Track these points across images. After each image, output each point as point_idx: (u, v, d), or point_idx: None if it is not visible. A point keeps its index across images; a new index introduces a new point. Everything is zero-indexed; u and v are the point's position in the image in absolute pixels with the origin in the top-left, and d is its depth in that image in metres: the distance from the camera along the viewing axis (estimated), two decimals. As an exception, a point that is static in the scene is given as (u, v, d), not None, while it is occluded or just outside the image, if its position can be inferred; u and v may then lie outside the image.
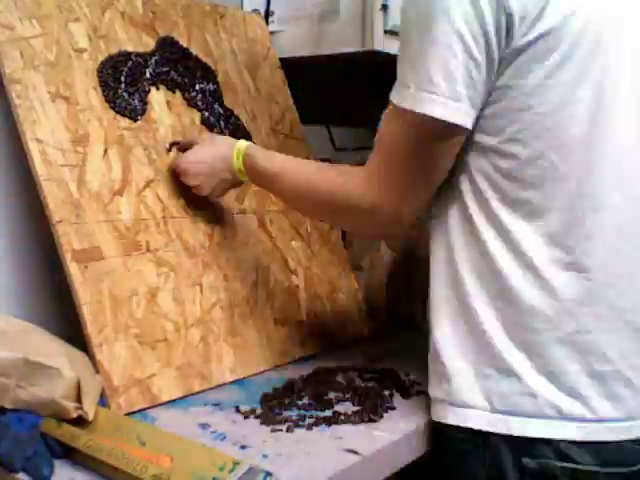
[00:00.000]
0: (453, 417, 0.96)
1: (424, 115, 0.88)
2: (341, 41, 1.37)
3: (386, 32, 1.32)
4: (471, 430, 0.94)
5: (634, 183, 0.94)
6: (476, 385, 0.94)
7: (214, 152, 1.15)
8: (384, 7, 1.31)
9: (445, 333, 0.97)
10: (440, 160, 0.93)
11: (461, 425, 0.95)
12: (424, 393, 1.06)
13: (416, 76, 0.88)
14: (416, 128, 0.91)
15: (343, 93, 1.53)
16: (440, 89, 0.87)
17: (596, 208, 0.91)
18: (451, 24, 0.85)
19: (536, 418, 0.92)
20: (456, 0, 0.85)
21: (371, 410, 1.03)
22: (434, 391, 1.00)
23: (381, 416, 1.02)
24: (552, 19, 0.86)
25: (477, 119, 0.90)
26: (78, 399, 0.89)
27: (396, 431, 0.98)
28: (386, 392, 1.10)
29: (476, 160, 0.93)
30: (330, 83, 1.51)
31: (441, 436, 1.00)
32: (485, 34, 0.86)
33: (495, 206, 0.93)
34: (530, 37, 0.86)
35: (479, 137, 0.92)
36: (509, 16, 0.85)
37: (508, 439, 0.92)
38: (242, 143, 1.13)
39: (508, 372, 0.93)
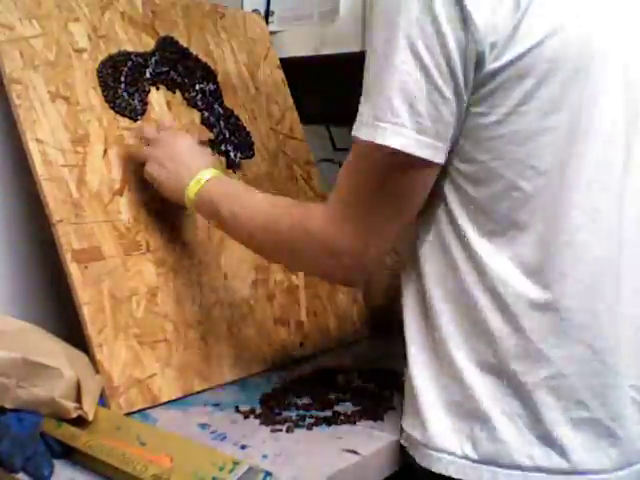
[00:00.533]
0: (427, 460, 0.90)
1: (385, 147, 0.81)
2: (341, 41, 1.37)
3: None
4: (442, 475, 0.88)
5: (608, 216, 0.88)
6: (450, 429, 0.88)
7: (183, 155, 1.06)
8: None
9: (420, 370, 0.91)
10: (407, 197, 0.86)
11: (433, 469, 0.89)
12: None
13: (377, 107, 0.81)
14: (379, 161, 0.83)
15: (343, 93, 1.53)
16: (402, 120, 0.80)
17: (570, 242, 0.85)
18: (413, 52, 0.78)
19: (510, 469, 0.85)
20: (419, 29, 0.78)
21: (371, 410, 1.03)
22: (409, 428, 0.94)
23: (381, 417, 1.02)
24: (526, 42, 0.80)
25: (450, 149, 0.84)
26: (78, 399, 0.89)
27: (396, 431, 0.97)
28: (386, 392, 1.10)
29: (450, 189, 0.87)
30: (330, 83, 1.51)
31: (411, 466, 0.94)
32: (449, 63, 0.79)
33: (472, 237, 0.86)
34: (501, 62, 0.80)
35: (453, 165, 0.86)
36: (477, 43, 0.78)
37: None
38: (205, 174, 1.03)
39: (483, 417, 0.86)
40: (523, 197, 0.84)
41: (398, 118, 0.80)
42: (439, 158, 0.83)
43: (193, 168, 1.04)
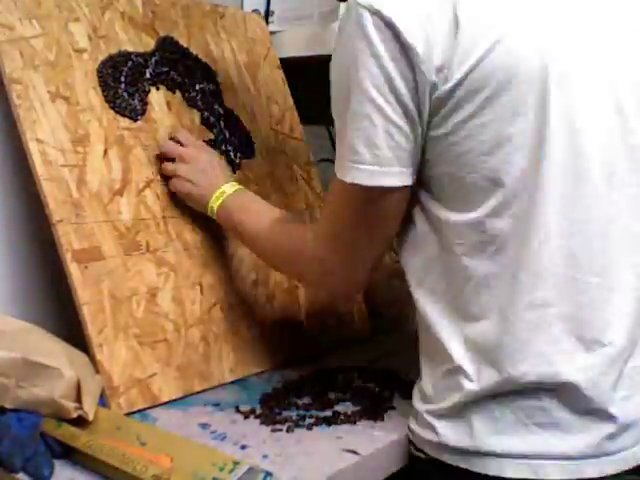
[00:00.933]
0: (427, 447, 0.93)
1: (351, 184, 0.88)
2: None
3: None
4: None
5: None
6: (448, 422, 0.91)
7: (211, 169, 1.15)
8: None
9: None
10: (384, 221, 0.93)
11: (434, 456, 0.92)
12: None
13: (343, 148, 0.89)
14: (352, 196, 0.91)
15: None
16: (363, 157, 0.86)
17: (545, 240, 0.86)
18: (364, 93, 0.84)
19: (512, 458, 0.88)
20: (365, 69, 0.83)
21: (371, 410, 1.03)
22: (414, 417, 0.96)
23: (381, 416, 1.02)
24: (471, 58, 0.82)
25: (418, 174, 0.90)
26: (78, 399, 0.89)
27: (396, 431, 0.98)
28: (386, 392, 1.10)
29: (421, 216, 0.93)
30: (330, 83, 1.51)
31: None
32: (397, 96, 0.84)
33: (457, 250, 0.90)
34: (453, 82, 0.83)
35: (421, 192, 0.91)
36: (425, 72, 0.82)
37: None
38: (227, 189, 1.12)
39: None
40: (503, 201, 0.86)
41: (359, 156, 0.86)
42: (405, 181, 0.88)
43: (215, 182, 1.13)
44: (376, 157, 0.86)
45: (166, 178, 1.16)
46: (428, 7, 0.83)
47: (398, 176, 0.87)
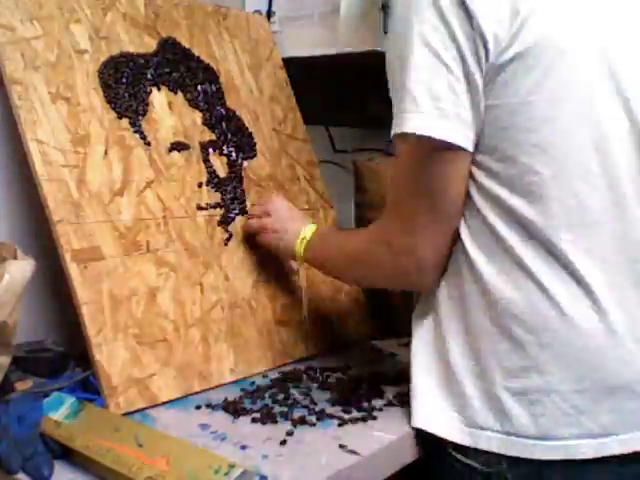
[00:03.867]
0: (465, 437, 0.94)
1: (411, 134, 0.88)
2: (341, 41, 1.37)
3: (386, 32, 1.31)
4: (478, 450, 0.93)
5: (629, 200, 0.92)
6: (474, 403, 0.93)
7: (291, 217, 1.21)
8: (384, 7, 1.31)
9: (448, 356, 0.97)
10: (441, 190, 0.91)
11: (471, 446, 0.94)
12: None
13: (402, 102, 0.89)
14: (412, 153, 0.91)
15: (343, 93, 1.53)
16: (425, 107, 0.87)
17: (596, 222, 0.90)
18: (428, 47, 0.87)
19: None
20: (431, 25, 0.87)
21: (371, 410, 1.03)
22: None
23: (380, 416, 1.01)
24: (527, 38, 0.87)
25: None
26: None
27: (396, 431, 0.98)
28: (387, 392, 1.10)
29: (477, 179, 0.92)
30: (330, 83, 1.51)
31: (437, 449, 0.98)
32: (461, 55, 0.87)
33: (497, 226, 0.91)
34: (508, 56, 0.87)
35: (479, 158, 0.91)
36: (482, 36, 0.86)
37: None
38: (308, 231, 1.16)
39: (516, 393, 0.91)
40: (541, 183, 0.89)
41: (421, 107, 0.87)
42: (462, 142, 0.88)
43: (296, 229, 1.18)
44: (439, 109, 0.87)
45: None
46: None
47: (458, 132, 0.88)
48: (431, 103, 0.87)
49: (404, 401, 1.07)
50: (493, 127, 0.89)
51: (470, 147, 0.89)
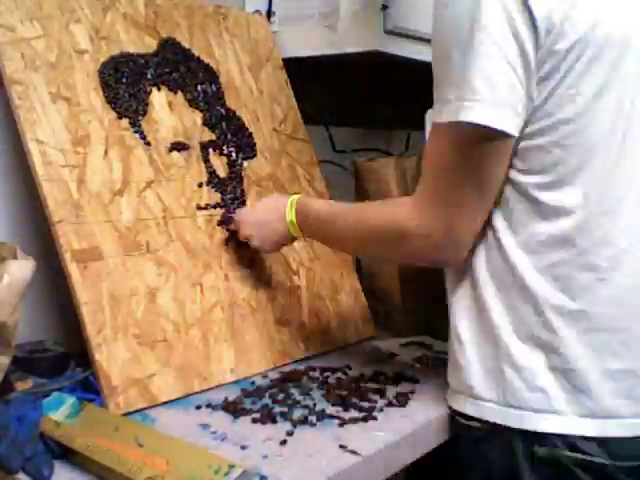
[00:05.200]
0: (470, 407, 1.00)
1: (467, 123, 0.89)
2: (341, 41, 1.37)
3: (386, 32, 1.31)
4: (486, 421, 0.98)
5: None
6: (490, 379, 0.98)
7: (267, 204, 1.18)
8: (384, 7, 1.31)
9: (463, 330, 1.01)
10: (489, 173, 0.93)
11: (476, 416, 0.99)
12: (420, 396, 1.08)
13: (458, 89, 0.90)
14: (460, 141, 0.92)
15: (343, 93, 1.53)
16: (483, 95, 0.88)
17: (613, 211, 0.94)
18: (489, 35, 0.88)
19: (548, 413, 0.94)
20: (492, 13, 0.88)
21: (372, 410, 1.03)
22: (452, 381, 1.04)
23: (380, 416, 1.02)
24: (573, 33, 0.89)
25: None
26: None
27: (396, 431, 0.98)
28: (388, 392, 1.10)
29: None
30: (330, 83, 1.51)
31: (457, 423, 1.04)
32: (520, 44, 0.88)
33: (516, 208, 0.95)
34: (555, 48, 0.89)
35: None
36: (536, 28, 0.88)
37: (520, 430, 0.95)
38: (295, 196, 1.15)
39: (520, 369, 0.95)
40: (569, 171, 0.92)
41: (480, 94, 0.88)
42: (514, 130, 0.90)
43: (281, 209, 1.14)
44: (495, 96, 0.88)
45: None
46: None
47: (512, 122, 0.89)
48: (489, 91, 0.88)
49: (404, 401, 1.07)
50: (532, 115, 0.91)
51: (517, 133, 0.91)
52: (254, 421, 0.99)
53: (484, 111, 0.88)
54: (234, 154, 1.30)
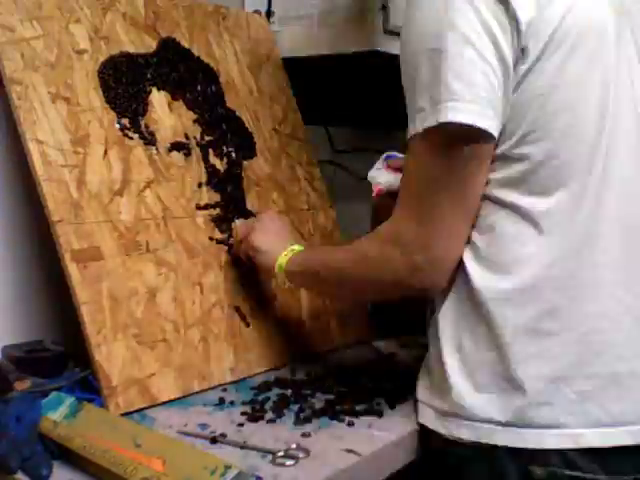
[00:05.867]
0: (461, 429, 0.94)
1: (446, 124, 0.86)
2: (341, 41, 1.37)
3: (386, 32, 1.31)
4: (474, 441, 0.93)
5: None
6: (485, 398, 0.92)
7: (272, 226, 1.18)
8: (384, 7, 1.31)
9: (450, 347, 0.95)
10: (469, 180, 0.90)
11: (469, 438, 0.93)
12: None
13: (433, 94, 0.87)
14: (438, 146, 0.89)
15: (343, 93, 1.53)
16: (459, 94, 0.85)
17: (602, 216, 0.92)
18: (460, 34, 0.86)
19: (553, 428, 0.90)
20: (460, 12, 0.86)
21: (371, 410, 1.03)
22: (436, 402, 0.97)
23: (380, 416, 1.02)
24: (552, 22, 0.87)
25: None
26: None
27: (396, 431, 0.98)
28: (387, 392, 1.10)
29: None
30: (330, 83, 1.51)
31: (435, 441, 0.98)
32: (494, 40, 0.86)
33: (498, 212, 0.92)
34: (534, 40, 0.87)
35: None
36: (515, 22, 0.86)
37: (514, 449, 0.91)
38: (289, 252, 1.11)
39: (518, 385, 0.91)
40: (560, 165, 0.90)
41: (455, 94, 0.86)
42: (493, 129, 0.87)
43: (279, 247, 1.12)
44: (473, 95, 0.86)
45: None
46: None
47: (491, 121, 0.87)
48: (466, 89, 0.85)
49: (403, 401, 1.07)
50: (515, 111, 0.89)
51: (496, 135, 0.88)
52: (254, 421, 0.99)
53: (464, 110, 0.86)
54: (234, 154, 1.30)
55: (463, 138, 0.87)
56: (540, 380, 0.90)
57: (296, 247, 1.12)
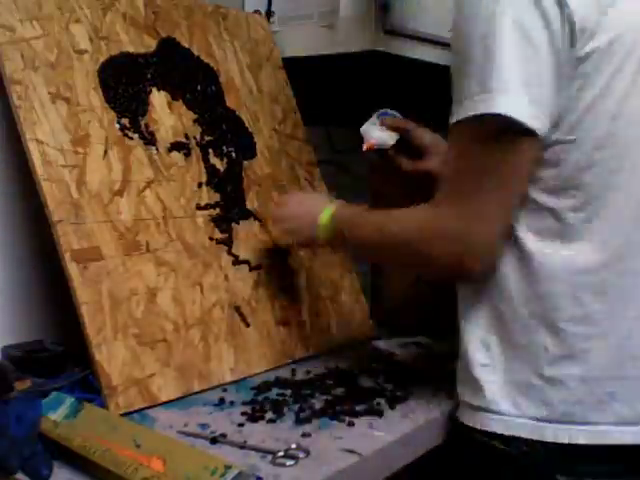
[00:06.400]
0: (497, 425, 0.97)
1: (495, 117, 0.85)
2: (341, 41, 1.37)
3: (386, 32, 1.31)
4: (512, 437, 0.96)
5: None
6: (516, 395, 0.95)
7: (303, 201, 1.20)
8: (384, 7, 1.31)
9: (482, 346, 0.98)
10: (513, 172, 0.90)
11: (503, 433, 0.96)
12: (420, 396, 1.08)
13: (484, 82, 0.86)
14: (484, 133, 0.88)
15: (343, 93, 1.53)
16: (513, 87, 0.85)
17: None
18: (521, 29, 0.85)
19: (582, 424, 0.94)
20: (524, 6, 0.85)
21: (371, 410, 1.03)
22: (469, 397, 1.00)
23: (381, 416, 1.02)
24: (607, 34, 0.87)
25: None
26: None
27: (396, 431, 0.98)
28: (387, 392, 1.10)
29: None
30: (330, 83, 1.51)
31: (470, 438, 1.01)
32: (554, 41, 0.85)
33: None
34: (590, 48, 0.87)
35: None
36: (572, 24, 0.85)
37: (544, 442, 0.94)
38: (332, 207, 1.12)
39: (551, 384, 0.94)
40: (602, 172, 0.90)
41: (509, 86, 0.85)
42: (543, 130, 0.87)
43: (314, 213, 1.13)
44: (526, 93, 0.85)
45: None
46: None
47: (541, 120, 0.86)
48: (520, 86, 0.85)
49: (403, 401, 1.07)
50: (561, 117, 0.88)
51: (543, 133, 0.88)
52: (254, 421, 0.99)
53: (517, 105, 0.85)
54: (234, 154, 1.30)
55: (508, 129, 0.86)
56: (573, 380, 0.93)
57: (330, 206, 1.12)
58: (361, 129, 1.22)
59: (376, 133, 1.21)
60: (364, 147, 1.21)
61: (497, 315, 0.97)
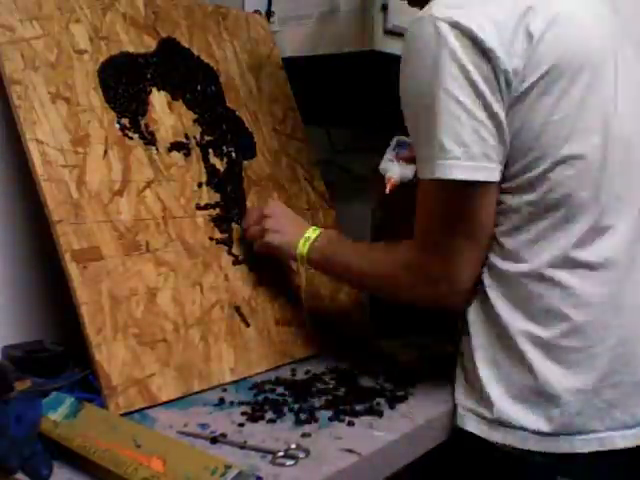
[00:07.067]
0: (500, 436, 1.00)
1: (446, 180, 0.93)
2: (341, 41, 1.37)
3: (386, 32, 1.32)
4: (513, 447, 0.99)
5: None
6: (519, 408, 0.99)
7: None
8: (384, 7, 1.31)
9: (485, 360, 1.02)
10: (477, 217, 0.98)
11: (506, 444, 0.99)
12: (420, 396, 1.09)
13: (431, 149, 0.94)
14: (444, 194, 0.97)
15: (343, 93, 1.53)
16: (453, 153, 0.92)
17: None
18: (448, 94, 0.92)
19: (582, 434, 0.97)
20: (449, 74, 0.91)
21: (371, 409, 1.03)
22: (470, 404, 1.04)
23: (381, 415, 1.02)
24: (542, 66, 0.93)
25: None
26: None
27: (396, 431, 0.98)
28: (387, 392, 1.10)
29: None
30: (329, 83, 1.51)
31: (469, 445, 1.04)
32: (480, 96, 0.92)
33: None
34: (527, 84, 0.93)
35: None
36: (501, 73, 0.91)
37: (546, 454, 0.97)
38: (312, 232, 1.18)
39: (549, 398, 0.97)
40: (566, 193, 0.96)
41: (449, 153, 0.92)
42: (493, 177, 0.95)
43: (298, 229, 1.19)
44: (466, 153, 0.92)
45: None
46: (503, 18, 0.92)
47: (487, 170, 0.94)
48: (458, 147, 0.92)
49: (403, 401, 1.07)
50: (516, 151, 0.95)
51: (498, 178, 0.96)
52: (254, 421, 0.99)
53: (459, 167, 0.92)
54: (234, 154, 1.30)
55: (462, 190, 0.95)
56: (570, 393, 0.97)
57: (312, 233, 1.17)
58: (380, 168, 1.24)
59: (396, 169, 1.22)
60: (387, 188, 1.22)
61: (496, 332, 1.00)
